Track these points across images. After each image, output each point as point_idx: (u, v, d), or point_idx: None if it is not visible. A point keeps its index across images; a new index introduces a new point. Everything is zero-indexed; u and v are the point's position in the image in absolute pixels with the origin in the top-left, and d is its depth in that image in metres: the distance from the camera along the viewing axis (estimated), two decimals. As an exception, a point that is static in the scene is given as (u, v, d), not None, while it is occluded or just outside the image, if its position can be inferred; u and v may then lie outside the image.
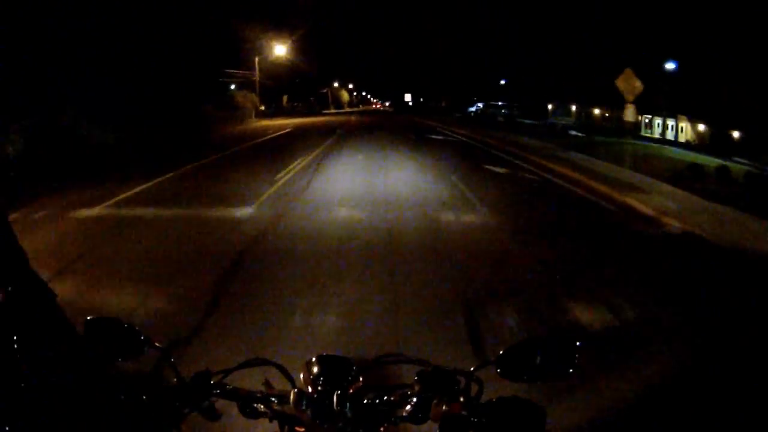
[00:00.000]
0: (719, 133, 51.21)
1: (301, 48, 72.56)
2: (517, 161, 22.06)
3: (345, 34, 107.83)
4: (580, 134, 44.86)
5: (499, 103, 75.03)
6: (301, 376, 1.55)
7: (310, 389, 1.50)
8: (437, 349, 5.43)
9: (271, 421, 1.55)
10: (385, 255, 8.86)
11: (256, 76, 57.99)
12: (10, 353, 0.83)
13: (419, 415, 1.49)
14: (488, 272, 8.15)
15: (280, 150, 24.65)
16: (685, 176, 18.60)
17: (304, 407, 1.47)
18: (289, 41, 65.70)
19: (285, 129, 39.02)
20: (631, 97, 17.47)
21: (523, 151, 25.63)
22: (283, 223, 10.99)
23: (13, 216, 10.85)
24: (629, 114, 18.05)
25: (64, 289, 6.80)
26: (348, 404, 1.46)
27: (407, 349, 2.15)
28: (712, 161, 29.27)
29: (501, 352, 1.54)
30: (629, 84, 17.56)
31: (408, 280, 7.57)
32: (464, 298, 6.98)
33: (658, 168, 18.50)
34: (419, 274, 7.88)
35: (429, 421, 1.49)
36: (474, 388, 1.51)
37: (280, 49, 62.73)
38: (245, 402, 1.56)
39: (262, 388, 1.59)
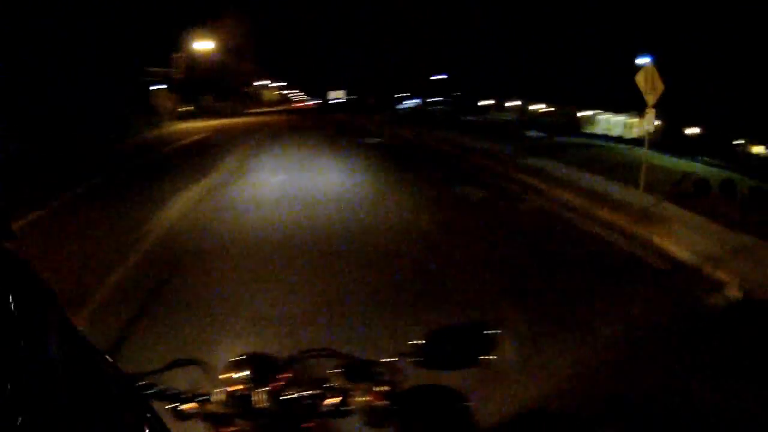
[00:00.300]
0: (673, 129, 49.35)
1: (228, 44, 68.48)
2: (489, 177, 17.62)
3: (273, 31, 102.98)
4: (540, 134, 39.74)
5: (438, 99, 72.01)
6: (227, 375, 1.50)
7: (236, 388, 1.47)
8: None
9: (201, 421, 1.50)
10: None
11: (178, 73, 53.39)
12: (12, 351, 0.77)
13: (343, 408, 1.48)
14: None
15: (179, 167, 18.81)
16: (689, 192, 15.70)
17: (231, 406, 1.45)
18: (216, 36, 61.36)
19: (201, 134, 33.82)
20: (652, 99, 13.33)
21: (487, 158, 21.45)
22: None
23: None
24: (648, 120, 13.98)
25: None
26: (273, 401, 1.45)
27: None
28: (687, 165, 26.92)
29: (417, 342, 1.55)
30: (651, 82, 13.29)
31: None
32: None
33: (649, 179, 15.67)
34: None
35: (353, 414, 1.47)
36: (394, 377, 1.50)
37: (205, 44, 57.90)
38: (174, 403, 1.51)
39: (190, 389, 1.53)
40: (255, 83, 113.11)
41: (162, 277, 7.80)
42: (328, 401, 1.48)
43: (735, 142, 44.97)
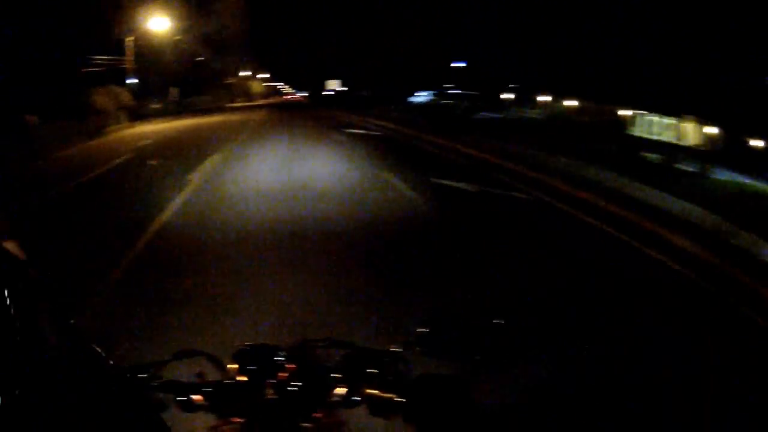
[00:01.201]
0: (735, 140, 36.73)
1: (201, 29, 54.86)
2: None
3: (255, 14, 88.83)
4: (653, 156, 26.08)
5: (457, 91, 57.74)
6: (233, 366, 1.43)
7: (242, 379, 1.41)
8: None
9: (207, 413, 1.43)
10: None
11: (128, 62, 39.32)
12: (11, 351, 0.77)
13: (350, 399, 1.40)
14: None
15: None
16: None
17: (238, 397, 1.40)
18: (182, 18, 47.53)
19: (146, 145, 23.19)
20: None
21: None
22: None
23: None
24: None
25: None
26: (280, 392, 1.38)
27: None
28: None
29: (421, 331, 1.47)
30: None
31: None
32: None
33: None
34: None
35: (361, 404, 1.39)
36: (400, 367, 1.44)
37: (161, 24, 43.42)
38: (181, 394, 1.43)
39: (196, 380, 1.45)
40: (240, 74, 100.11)
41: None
42: (335, 392, 1.41)
43: None
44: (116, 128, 33.81)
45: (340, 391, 1.40)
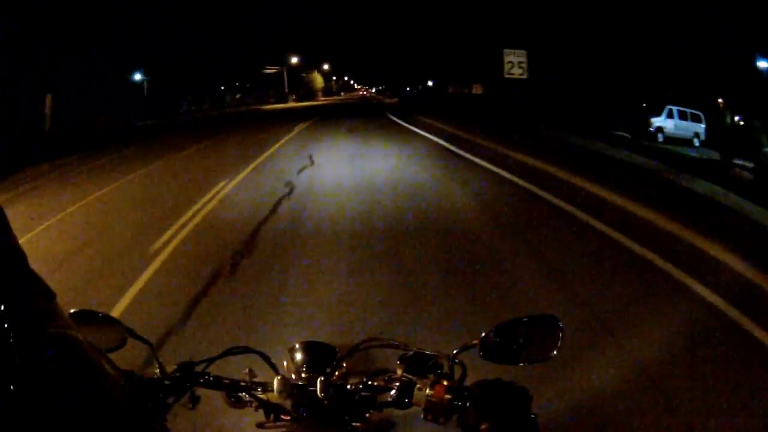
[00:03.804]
0: None
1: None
2: None
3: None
4: None
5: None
6: (285, 363, 1.45)
7: (293, 377, 1.40)
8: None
9: (256, 410, 1.38)
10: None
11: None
12: (7, 353, 0.78)
13: (404, 400, 1.32)
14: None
15: None
16: None
17: (288, 395, 1.32)
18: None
19: None
20: None
21: None
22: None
23: None
24: None
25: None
26: (332, 391, 1.32)
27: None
28: None
29: (483, 334, 1.36)
30: None
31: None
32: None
33: None
34: None
35: (414, 406, 1.31)
36: (457, 371, 1.34)
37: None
38: (230, 391, 1.40)
39: (246, 377, 1.41)
40: (293, 61, 70.11)
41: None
42: (389, 392, 1.33)
43: None
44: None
45: (393, 392, 1.30)
